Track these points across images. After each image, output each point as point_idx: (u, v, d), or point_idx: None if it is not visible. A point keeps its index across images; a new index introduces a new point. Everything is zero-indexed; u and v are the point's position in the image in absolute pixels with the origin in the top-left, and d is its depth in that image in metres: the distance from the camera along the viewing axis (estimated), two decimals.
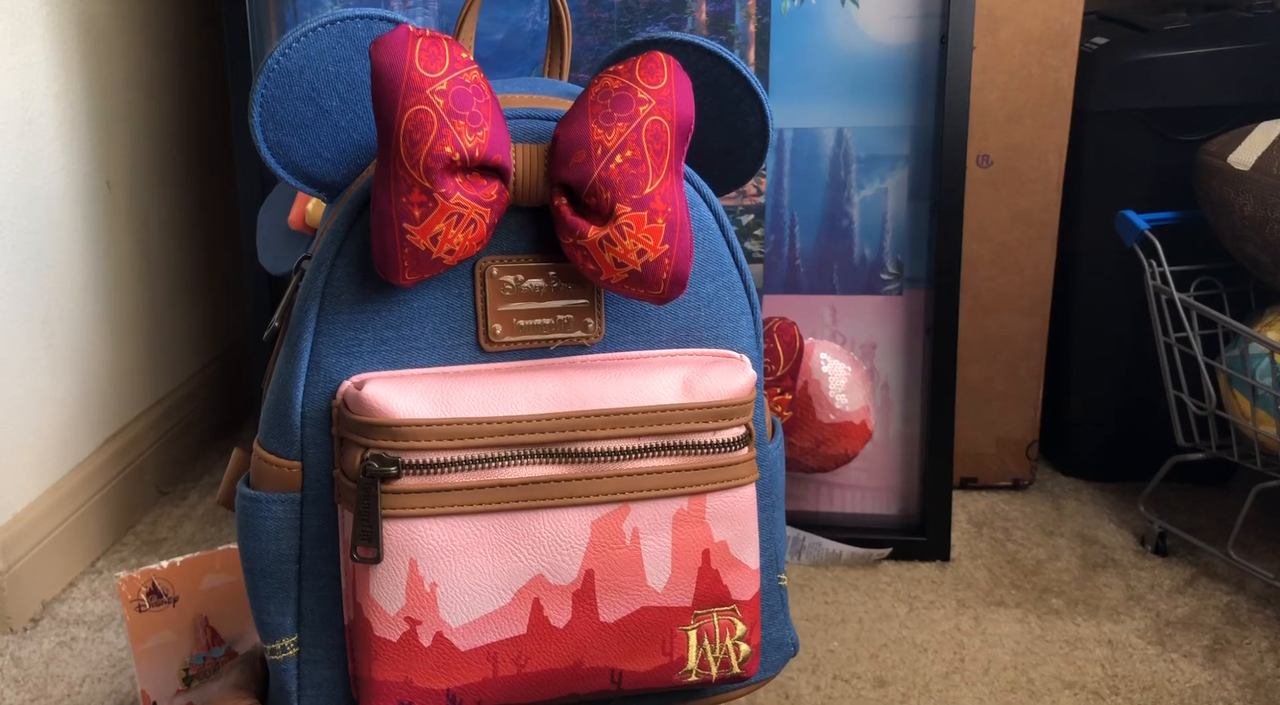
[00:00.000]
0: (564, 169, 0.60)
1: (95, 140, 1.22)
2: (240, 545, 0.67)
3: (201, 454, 1.44)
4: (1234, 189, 1.09)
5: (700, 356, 0.67)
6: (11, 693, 0.97)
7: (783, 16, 1.12)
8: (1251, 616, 1.07)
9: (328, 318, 0.63)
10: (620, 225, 0.60)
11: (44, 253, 1.13)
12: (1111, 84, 1.23)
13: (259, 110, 0.61)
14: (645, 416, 0.63)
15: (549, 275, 0.65)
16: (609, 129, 0.59)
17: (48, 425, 1.14)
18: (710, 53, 0.66)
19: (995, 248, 1.27)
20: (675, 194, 0.61)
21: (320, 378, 0.63)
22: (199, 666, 0.86)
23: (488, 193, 0.59)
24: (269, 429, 0.65)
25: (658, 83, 0.59)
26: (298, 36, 0.61)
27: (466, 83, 0.58)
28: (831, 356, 1.13)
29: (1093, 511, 1.28)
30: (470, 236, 0.59)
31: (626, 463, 0.63)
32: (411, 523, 0.61)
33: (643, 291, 0.62)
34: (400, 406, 0.60)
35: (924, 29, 1.12)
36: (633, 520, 0.64)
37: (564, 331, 0.66)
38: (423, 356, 0.64)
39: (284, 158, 0.63)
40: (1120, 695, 0.96)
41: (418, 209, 0.58)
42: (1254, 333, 1.08)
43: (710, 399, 0.64)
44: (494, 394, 0.62)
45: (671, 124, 0.60)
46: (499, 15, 1.14)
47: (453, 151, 0.57)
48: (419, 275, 0.60)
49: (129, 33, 1.30)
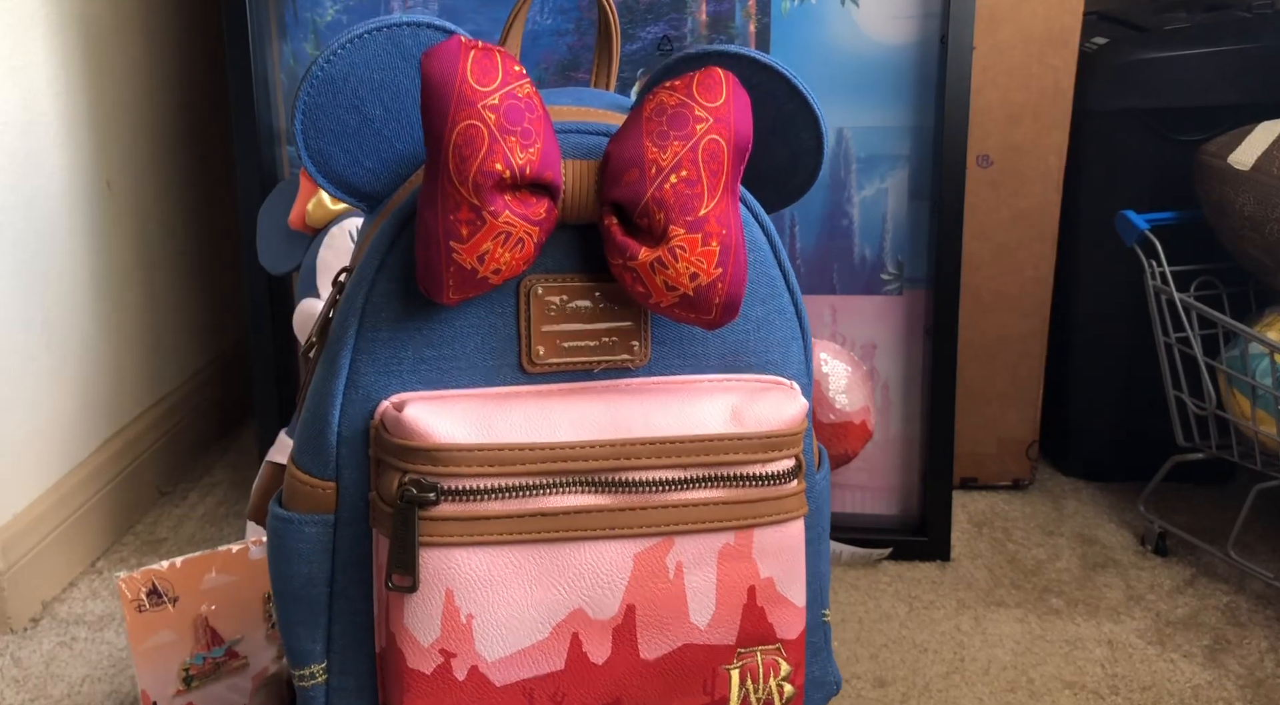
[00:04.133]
0: (616, 187, 0.58)
1: (95, 140, 1.22)
2: (271, 567, 0.65)
3: (201, 454, 1.44)
4: (1234, 189, 1.09)
5: (749, 383, 0.65)
6: (11, 693, 0.97)
7: (783, 16, 1.12)
8: (1251, 616, 1.07)
9: (367, 334, 0.61)
10: (673, 247, 0.57)
11: (44, 253, 1.13)
12: (1112, 84, 1.23)
13: (301, 117, 0.60)
14: (692, 446, 0.61)
15: (595, 296, 0.63)
16: (664, 147, 0.57)
17: (48, 425, 1.14)
18: (765, 66, 0.64)
19: (995, 248, 1.27)
20: (731, 216, 0.59)
21: (358, 396, 0.61)
22: (199, 666, 0.86)
23: (537, 211, 0.57)
24: (303, 447, 0.63)
25: (716, 100, 0.58)
26: (343, 43, 0.59)
27: (519, 97, 0.56)
28: (831, 356, 1.13)
29: (1093, 511, 1.28)
30: (517, 255, 0.57)
31: (672, 494, 0.61)
32: (449, 551, 0.59)
33: (693, 316, 0.60)
34: (440, 430, 0.59)
35: (924, 29, 1.12)
36: (677, 554, 0.62)
37: (609, 354, 0.63)
38: (464, 376, 0.62)
39: (325, 166, 0.61)
40: (1120, 695, 0.96)
41: (465, 227, 0.56)
42: (1254, 333, 1.08)
43: (760, 429, 0.62)
44: (537, 419, 0.60)
45: (729, 143, 0.58)
46: (499, 15, 1.14)
47: (503, 168, 0.55)
48: (463, 294, 0.58)
49: (129, 33, 1.30)
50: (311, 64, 0.59)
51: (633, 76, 1.14)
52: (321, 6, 1.16)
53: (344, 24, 1.16)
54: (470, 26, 1.14)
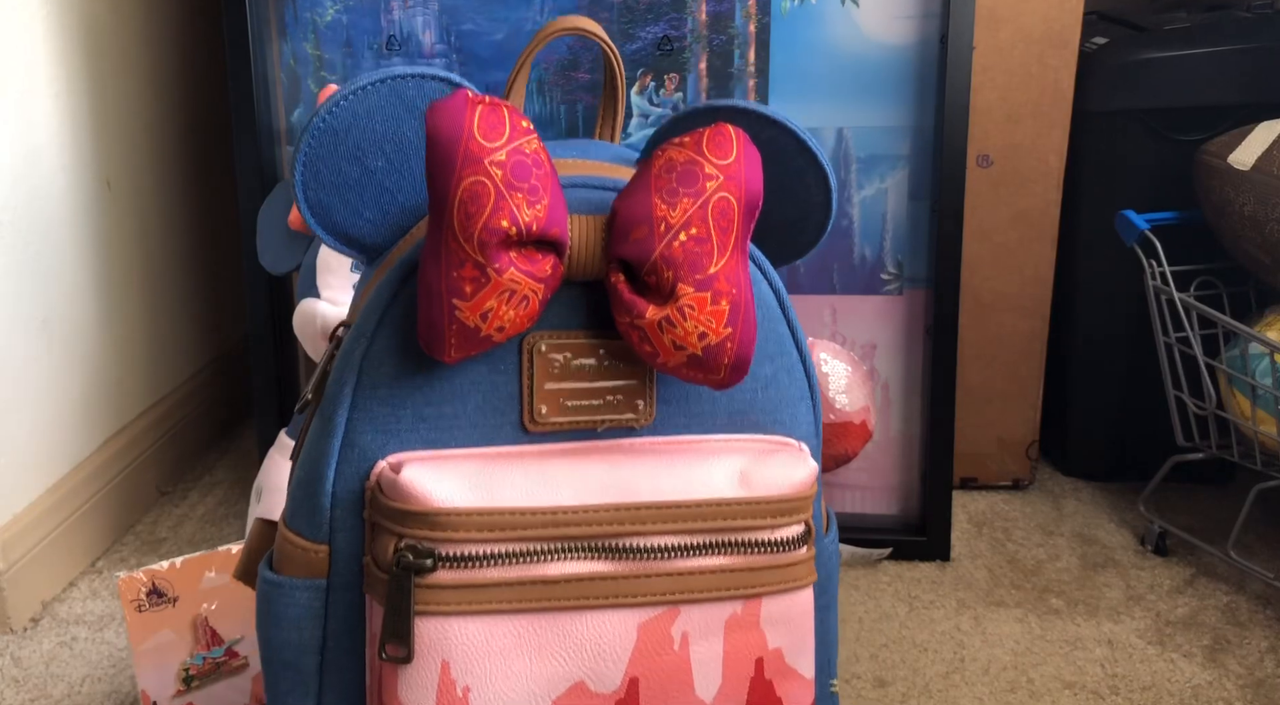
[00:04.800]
0: (623, 244, 0.57)
1: (95, 140, 1.22)
2: (259, 633, 0.63)
3: (201, 454, 1.44)
4: (1234, 189, 1.09)
5: (757, 444, 0.63)
6: (11, 693, 0.97)
7: (783, 16, 1.12)
8: (1251, 616, 1.07)
9: (365, 392, 0.59)
10: (681, 306, 0.56)
11: (44, 253, 1.13)
12: (1111, 84, 1.23)
13: (302, 169, 0.59)
14: (699, 510, 0.59)
15: (600, 354, 0.61)
16: (673, 204, 0.56)
17: (48, 425, 1.14)
18: (773, 121, 0.63)
19: (995, 248, 1.27)
20: (740, 274, 0.57)
21: (354, 456, 0.60)
22: (199, 666, 0.86)
23: (542, 268, 0.56)
24: (296, 508, 0.61)
25: (726, 157, 0.56)
26: (345, 94, 0.58)
27: (526, 153, 0.55)
28: (831, 356, 1.13)
29: (1093, 511, 1.28)
30: (521, 313, 0.56)
31: (678, 561, 0.59)
32: (446, 620, 0.57)
33: (701, 376, 0.59)
34: (438, 493, 0.57)
35: (924, 29, 1.12)
36: (682, 624, 0.60)
37: (613, 413, 0.62)
38: (463, 435, 0.60)
39: (325, 218, 0.60)
40: (1120, 695, 0.96)
41: (469, 284, 0.54)
42: (1254, 333, 1.08)
43: (769, 493, 0.60)
44: (538, 481, 0.58)
45: (740, 201, 0.57)
46: (499, 15, 1.14)
47: (509, 225, 0.54)
48: (465, 352, 0.57)
49: (129, 33, 1.30)
50: (313, 115, 0.58)
51: (632, 76, 1.14)
52: (321, 6, 1.16)
53: (343, 23, 1.16)
54: (469, 26, 1.14)
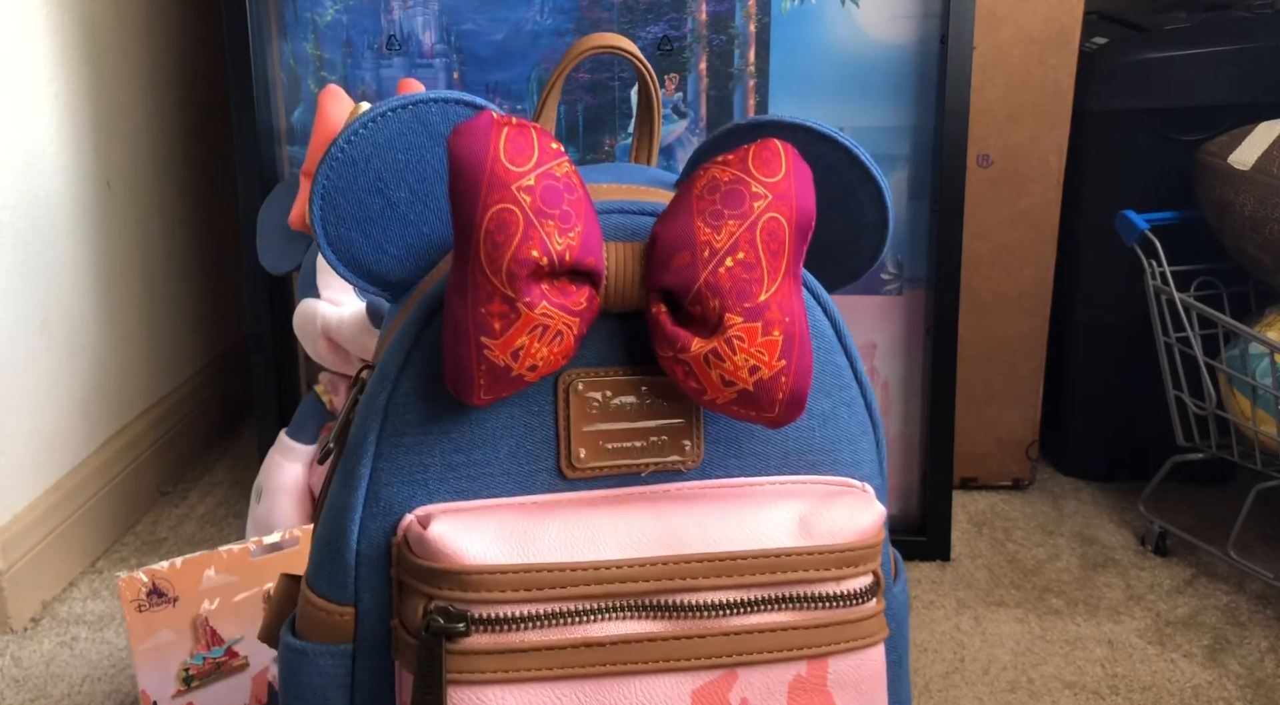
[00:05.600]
0: (664, 273, 0.52)
1: (95, 140, 1.22)
2: (283, 702, 0.59)
3: (201, 454, 1.44)
4: (1234, 189, 1.09)
5: (817, 486, 0.58)
6: (11, 693, 0.97)
7: (783, 16, 1.12)
8: (1252, 616, 1.07)
9: (389, 440, 0.55)
10: (730, 338, 0.52)
11: (44, 253, 1.13)
12: (1111, 84, 1.23)
13: (320, 202, 0.55)
14: (756, 563, 0.54)
15: (641, 391, 0.57)
16: (718, 228, 0.52)
17: (48, 425, 1.14)
18: (824, 136, 0.59)
19: (995, 248, 1.27)
20: (793, 301, 0.53)
21: (379, 510, 0.56)
22: (199, 666, 0.86)
23: (577, 300, 0.52)
24: (319, 568, 0.57)
25: (774, 175, 0.52)
26: (364, 122, 0.55)
27: (557, 177, 0.51)
28: None
29: (1093, 511, 1.28)
30: (555, 350, 0.52)
31: (734, 618, 0.54)
32: (481, 689, 0.53)
33: (754, 413, 0.54)
34: (471, 550, 0.52)
35: (924, 29, 1.12)
36: (741, 689, 0.55)
37: (657, 455, 0.57)
38: (496, 484, 0.56)
39: (346, 254, 0.57)
40: (1120, 695, 0.96)
41: (498, 321, 0.50)
42: (1254, 333, 1.08)
43: (833, 541, 0.55)
44: (579, 534, 0.53)
45: (790, 222, 0.52)
46: (499, 15, 1.14)
47: (540, 255, 0.50)
48: (496, 394, 0.53)
49: (129, 33, 1.30)
50: (331, 145, 0.55)
51: (633, 77, 1.14)
52: (321, 6, 1.16)
53: (343, 23, 1.16)
54: (469, 26, 1.14)
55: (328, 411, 1.09)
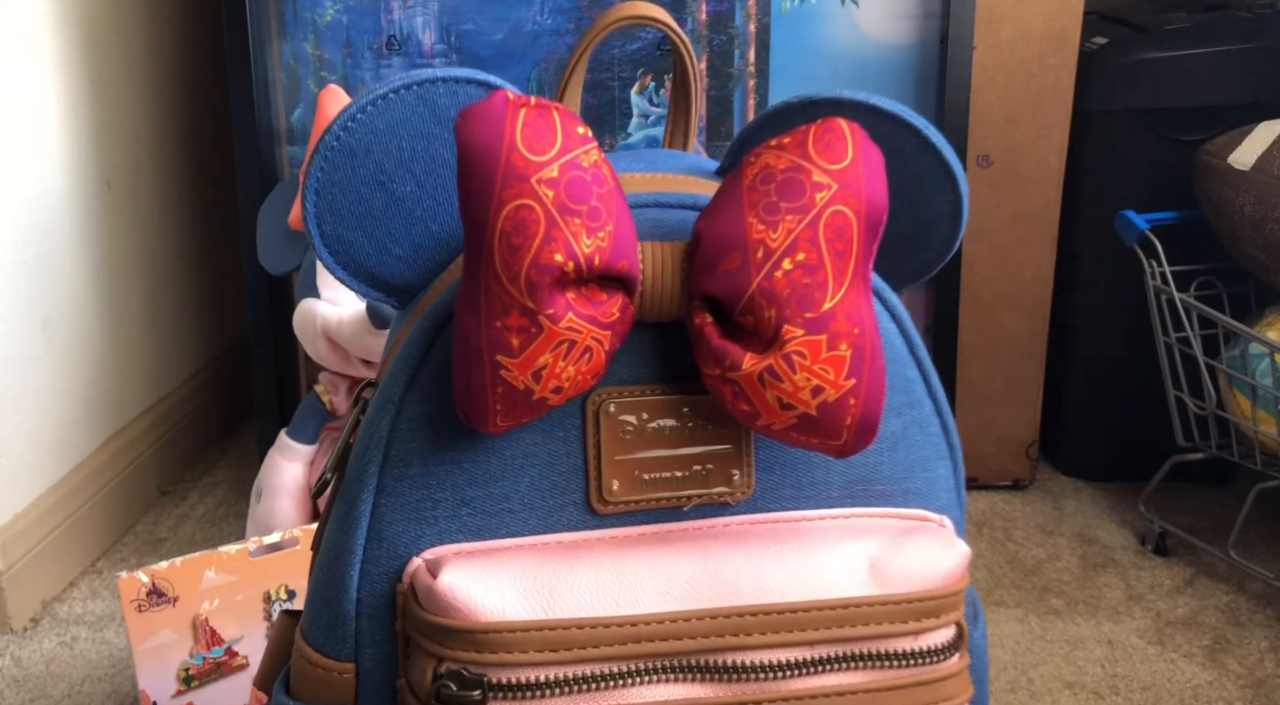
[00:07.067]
0: (709, 277, 0.45)
1: (95, 140, 1.22)
2: None
3: (201, 454, 1.44)
4: (1234, 189, 1.09)
5: (888, 521, 0.51)
6: (11, 693, 0.97)
7: (783, 16, 1.12)
8: (1252, 616, 1.07)
9: (394, 471, 0.48)
10: (788, 354, 0.44)
11: (44, 253, 1.13)
12: (1112, 84, 1.23)
13: (314, 198, 0.49)
14: (821, 616, 0.47)
15: (683, 412, 0.49)
16: (774, 224, 0.44)
17: (48, 425, 1.14)
18: (890, 116, 0.52)
19: (995, 248, 1.27)
20: (862, 309, 0.45)
21: (382, 552, 0.49)
22: (199, 666, 0.86)
23: (608, 311, 0.45)
24: (314, 618, 0.50)
25: (839, 160, 0.45)
26: (363, 106, 0.48)
27: (584, 167, 0.43)
28: None
29: (1093, 511, 1.28)
30: (584, 369, 0.45)
31: (795, 681, 0.47)
32: None
33: (817, 441, 0.47)
34: (488, 603, 0.45)
35: (924, 29, 1.12)
36: None
37: (702, 486, 0.50)
38: (516, 522, 0.49)
39: (346, 256, 0.50)
40: (1120, 695, 0.96)
41: (516, 336, 0.43)
42: (1254, 333, 1.08)
43: (909, 588, 0.48)
44: (613, 582, 0.46)
45: (859, 215, 0.45)
46: (499, 15, 1.14)
47: (564, 260, 0.43)
48: (515, 421, 0.46)
49: (130, 33, 1.30)
50: (325, 133, 0.49)
51: (632, 76, 1.14)
52: (321, 6, 1.16)
53: (343, 23, 1.16)
54: (469, 26, 1.14)
55: (328, 411, 1.09)
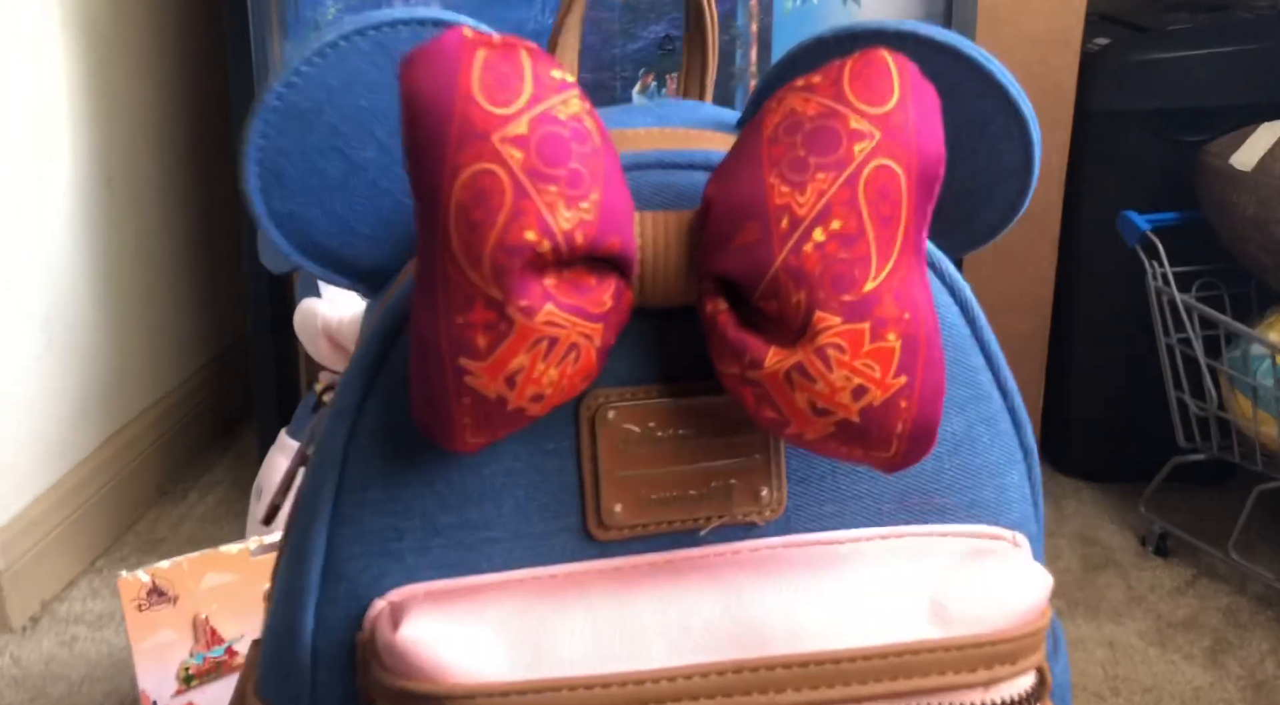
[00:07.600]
0: (723, 254, 0.36)
1: (96, 140, 1.22)
2: None
3: (201, 454, 1.43)
4: (1236, 190, 1.09)
5: (949, 542, 0.42)
6: (11, 692, 0.97)
7: (784, 16, 1.12)
8: (1253, 618, 1.07)
9: (352, 497, 0.39)
10: (822, 347, 0.35)
11: (44, 252, 1.13)
12: (1113, 84, 1.22)
13: (256, 170, 0.40)
14: (871, 666, 0.38)
15: (697, 417, 0.40)
16: (801, 185, 0.35)
17: (48, 425, 1.14)
18: (944, 47, 0.42)
19: (995, 248, 1.26)
20: (914, 289, 0.36)
21: (340, 592, 0.40)
22: (199, 666, 0.86)
23: (597, 299, 0.35)
24: (269, 669, 0.42)
25: (883, 102, 0.35)
26: (309, 57, 0.40)
27: (560, 120, 0.35)
28: None
29: (1093, 512, 1.28)
30: (570, 371, 0.36)
31: None
32: None
33: (860, 453, 0.38)
34: (460, 662, 0.37)
35: None
36: None
37: (722, 506, 0.40)
38: (499, 553, 0.40)
39: (301, 236, 0.41)
40: (1121, 696, 0.96)
41: (482, 335, 0.34)
42: (1255, 334, 1.08)
43: (980, 629, 0.38)
44: (614, 627, 0.37)
45: (909, 170, 0.35)
46: (499, 15, 1.14)
47: (538, 238, 0.34)
48: (488, 436, 0.37)
49: (130, 32, 1.30)
50: (265, 93, 0.40)
51: (634, 76, 1.14)
52: (323, 5, 1.16)
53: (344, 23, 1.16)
54: None
55: None
